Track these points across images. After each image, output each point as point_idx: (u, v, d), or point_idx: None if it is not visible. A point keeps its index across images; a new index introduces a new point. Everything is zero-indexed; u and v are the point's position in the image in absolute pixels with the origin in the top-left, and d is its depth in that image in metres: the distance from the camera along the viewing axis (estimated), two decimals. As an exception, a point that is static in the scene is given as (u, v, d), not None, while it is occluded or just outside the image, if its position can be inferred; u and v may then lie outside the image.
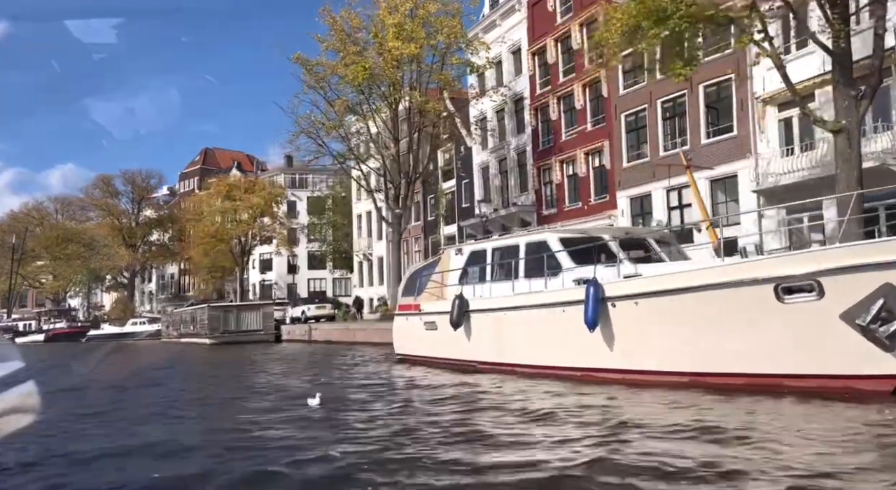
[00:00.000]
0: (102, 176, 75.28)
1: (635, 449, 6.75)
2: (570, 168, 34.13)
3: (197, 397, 13.41)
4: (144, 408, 11.82)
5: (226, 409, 11.43)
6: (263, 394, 13.18)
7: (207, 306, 39.87)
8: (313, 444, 7.63)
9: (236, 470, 6.54)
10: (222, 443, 7.94)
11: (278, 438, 8.07)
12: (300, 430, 8.60)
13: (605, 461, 6.32)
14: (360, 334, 31.39)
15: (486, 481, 5.87)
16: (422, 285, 17.33)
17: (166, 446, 7.93)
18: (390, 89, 32.89)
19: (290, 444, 7.66)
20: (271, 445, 7.66)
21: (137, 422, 10.21)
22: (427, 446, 7.27)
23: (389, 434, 8.14)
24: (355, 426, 8.89)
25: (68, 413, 10.42)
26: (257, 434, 8.46)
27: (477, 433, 8.05)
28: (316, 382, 14.97)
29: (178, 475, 6.53)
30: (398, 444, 7.48)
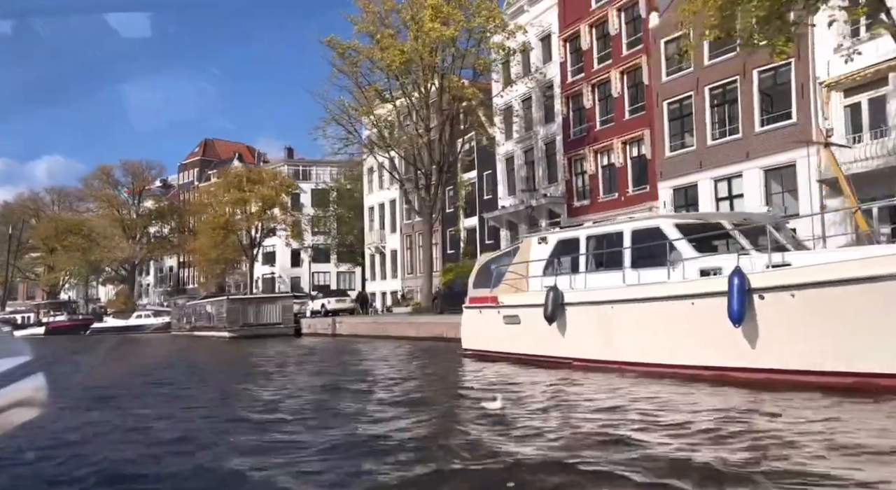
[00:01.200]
0: (102, 166, 73.59)
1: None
2: (606, 158, 33.00)
3: (325, 399, 11.64)
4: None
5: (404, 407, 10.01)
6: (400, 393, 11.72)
7: (227, 299, 38.46)
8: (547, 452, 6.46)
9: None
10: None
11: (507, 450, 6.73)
12: (520, 441, 7.14)
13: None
14: (393, 328, 30.11)
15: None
16: (498, 277, 16.10)
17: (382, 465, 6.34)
18: (424, 74, 31.57)
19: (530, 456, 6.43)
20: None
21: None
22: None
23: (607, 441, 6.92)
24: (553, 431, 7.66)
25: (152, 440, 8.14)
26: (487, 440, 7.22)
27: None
28: (413, 379, 13.73)
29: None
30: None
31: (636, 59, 30.70)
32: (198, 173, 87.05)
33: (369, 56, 31.34)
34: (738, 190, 26.26)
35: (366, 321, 33.34)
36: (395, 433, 7.82)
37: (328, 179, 72.06)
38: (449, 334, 26.05)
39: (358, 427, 8.34)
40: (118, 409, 10.61)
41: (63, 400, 10.98)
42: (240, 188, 52.75)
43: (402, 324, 29.57)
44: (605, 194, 32.74)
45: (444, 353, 20.35)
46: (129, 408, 10.78)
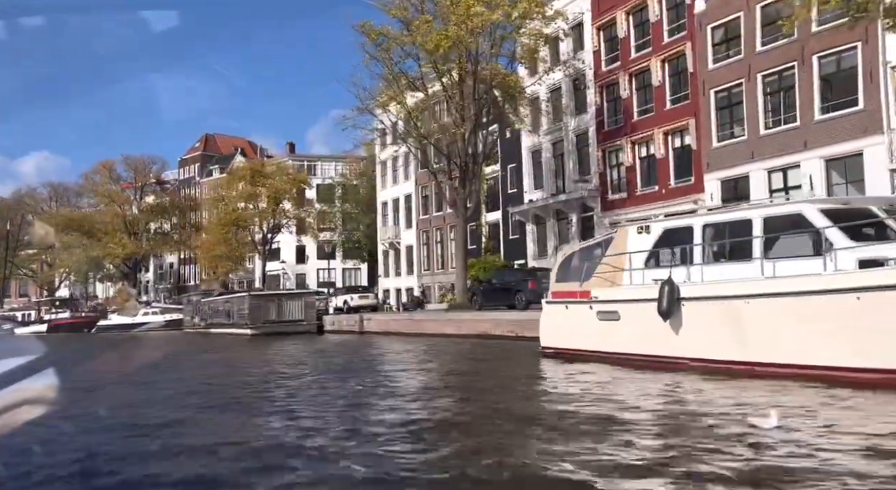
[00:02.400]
0: (104, 161, 71.65)
1: None
2: (645, 149, 31.75)
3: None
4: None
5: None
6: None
7: (248, 295, 36.93)
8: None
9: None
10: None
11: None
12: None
13: None
14: (430, 325, 28.69)
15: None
16: (589, 269, 14.75)
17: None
18: (460, 62, 30.14)
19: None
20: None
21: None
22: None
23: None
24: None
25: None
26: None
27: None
28: (517, 387, 12.27)
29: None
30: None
31: (679, 46, 29.45)
32: (199, 168, 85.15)
33: (405, 42, 29.84)
34: (795, 181, 25.04)
35: (398, 318, 31.91)
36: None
37: (333, 175, 70.61)
38: (495, 331, 24.81)
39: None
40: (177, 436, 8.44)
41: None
42: (250, 182, 51.07)
43: (441, 321, 28.17)
44: (644, 187, 31.49)
45: (509, 351, 19.04)
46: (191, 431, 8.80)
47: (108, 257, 67.90)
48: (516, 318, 24.37)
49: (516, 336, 23.71)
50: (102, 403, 11.08)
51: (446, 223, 46.22)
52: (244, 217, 52.03)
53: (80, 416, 9.62)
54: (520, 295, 25.78)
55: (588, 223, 34.92)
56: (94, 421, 9.34)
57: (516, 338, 23.60)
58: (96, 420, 9.46)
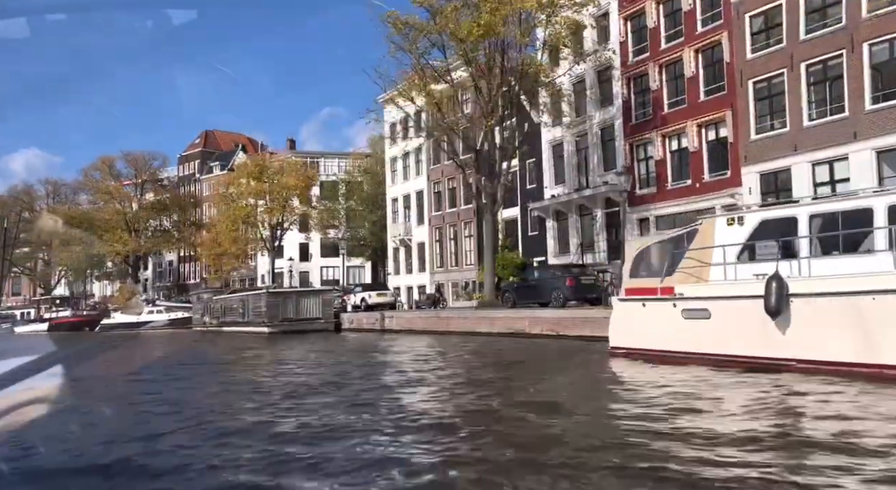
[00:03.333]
0: (104, 157, 70.08)
1: None
2: (676, 142, 30.69)
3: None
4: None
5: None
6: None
7: (266, 292, 35.67)
8: None
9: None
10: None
11: None
12: None
13: None
14: (458, 323, 27.61)
15: None
16: (671, 264, 13.65)
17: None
18: (489, 50, 28.96)
19: None
20: None
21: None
22: None
23: None
24: None
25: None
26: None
27: None
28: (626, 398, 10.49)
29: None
30: None
31: (715, 35, 28.38)
32: (199, 165, 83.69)
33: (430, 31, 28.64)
34: (843, 174, 24.02)
35: (423, 315, 30.74)
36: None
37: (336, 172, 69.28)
38: (532, 330, 23.79)
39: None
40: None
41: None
42: (260, 178, 49.74)
43: (471, 318, 27.06)
44: (676, 181, 30.42)
45: (566, 350, 17.91)
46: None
47: (110, 255, 66.28)
48: (555, 315, 23.33)
49: (557, 334, 22.70)
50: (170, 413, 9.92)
51: (460, 219, 45.08)
52: (252, 214, 50.62)
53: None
54: (557, 292, 24.69)
55: (614, 219, 33.84)
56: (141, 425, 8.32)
57: (557, 336, 22.60)
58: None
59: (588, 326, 21.51)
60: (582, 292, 24.57)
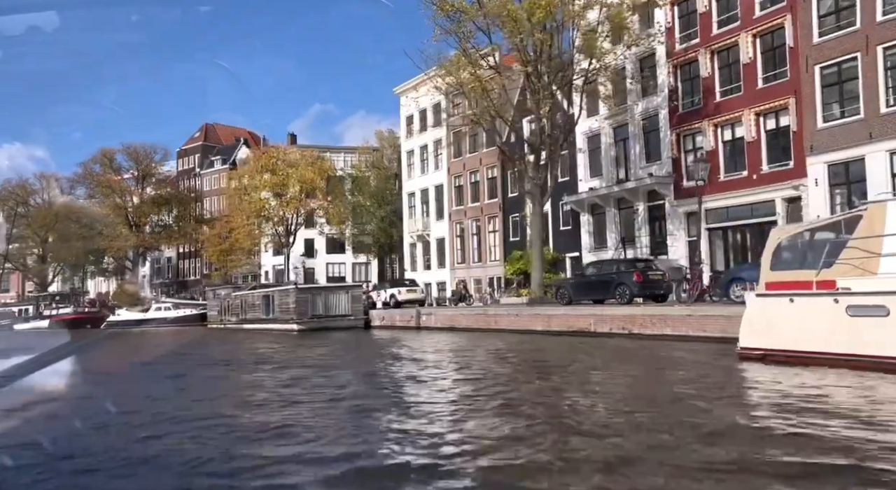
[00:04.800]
0: (104, 150, 67.52)
1: None
2: (730, 132, 29.07)
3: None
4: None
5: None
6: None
7: (295, 288, 33.69)
8: None
9: None
10: None
11: None
12: None
13: None
14: (507, 321, 25.79)
15: None
16: (830, 255, 11.91)
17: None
18: (542, 33, 27.17)
19: None
20: None
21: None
22: None
23: None
24: None
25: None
26: None
27: None
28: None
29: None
30: None
31: (777, 19, 26.76)
32: (199, 159, 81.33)
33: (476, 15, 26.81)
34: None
35: (467, 312, 28.88)
36: None
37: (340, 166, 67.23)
38: (599, 328, 22.01)
39: None
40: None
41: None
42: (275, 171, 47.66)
43: (524, 316, 25.22)
44: (729, 172, 28.80)
45: (665, 352, 16.13)
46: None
47: (111, 250, 63.85)
48: (628, 313, 21.56)
49: (629, 333, 20.96)
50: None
51: (484, 214, 43.34)
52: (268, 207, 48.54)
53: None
54: (622, 288, 22.94)
55: (657, 212, 32.26)
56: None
57: (629, 335, 20.86)
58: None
59: (669, 324, 19.83)
60: (650, 288, 22.87)
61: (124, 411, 9.38)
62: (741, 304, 18.85)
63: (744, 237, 28.68)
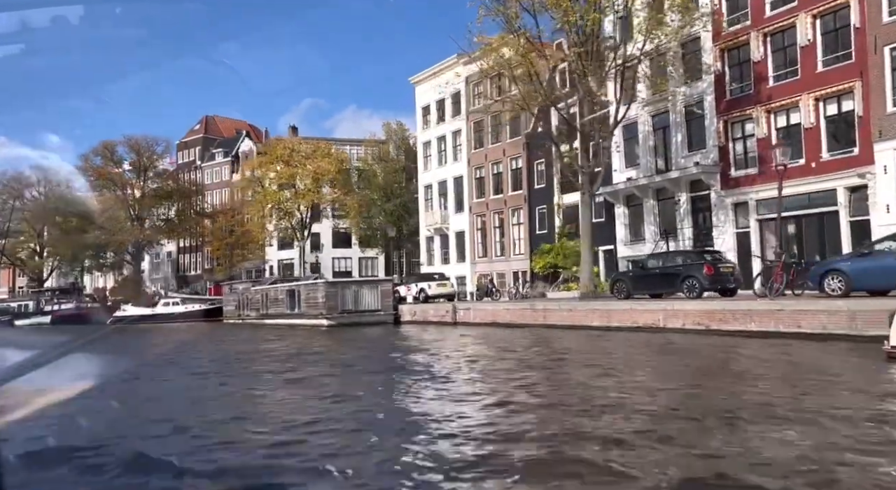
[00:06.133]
0: (105, 142, 65.08)
1: None
2: (784, 118, 27.46)
3: None
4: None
5: None
6: None
7: (324, 282, 31.85)
8: None
9: None
10: None
11: None
12: None
13: None
14: (558, 316, 24.09)
15: None
16: None
17: None
18: (593, 13, 25.42)
19: None
20: None
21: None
22: None
23: None
24: None
25: None
26: None
27: None
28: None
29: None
30: None
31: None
32: (200, 152, 79.08)
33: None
34: None
35: (510, 307, 27.10)
36: None
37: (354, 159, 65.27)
38: (668, 324, 20.39)
39: None
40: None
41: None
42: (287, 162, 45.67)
43: (578, 311, 23.52)
44: (784, 160, 27.11)
45: (772, 351, 14.43)
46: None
47: (112, 244, 61.54)
48: (705, 308, 19.90)
49: (706, 330, 19.32)
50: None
51: (507, 206, 41.58)
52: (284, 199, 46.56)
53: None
54: (691, 281, 21.26)
55: (701, 203, 30.64)
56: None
57: (706, 331, 19.21)
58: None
59: (754, 320, 18.20)
60: (721, 282, 21.22)
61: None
62: (837, 298, 17.32)
63: (799, 228, 27.10)
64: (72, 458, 6.53)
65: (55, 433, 6.98)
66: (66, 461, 6.43)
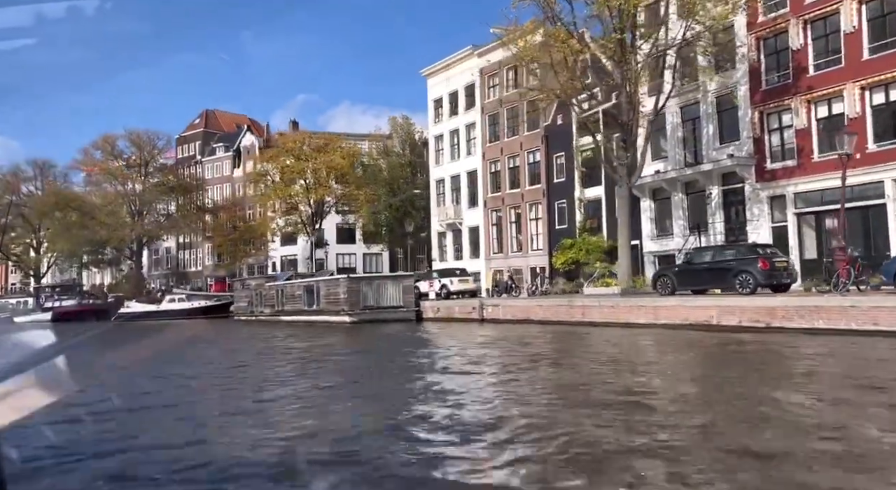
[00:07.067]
0: (106, 135, 63.39)
1: None
2: (826, 108, 26.36)
3: None
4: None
5: None
6: None
7: (347, 277, 30.59)
8: None
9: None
10: None
11: None
12: None
13: None
14: (597, 313, 22.91)
15: None
16: None
17: None
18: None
19: None
20: None
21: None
22: None
23: None
24: None
25: None
26: None
27: None
28: None
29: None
30: None
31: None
32: (200, 146, 77.45)
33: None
34: None
35: (544, 303, 25.91)
36: None
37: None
38: (723, 321, 19.28)
39: None
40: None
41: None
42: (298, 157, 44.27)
43: (621, 307, 22.34)
44: (825, 152, 26.04)
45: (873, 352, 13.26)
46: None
47: (112, 240, 59.95)
48: (761, 303, 18.77)
49: (766, 326, 18.18)
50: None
51: (524, 200, 40.38)
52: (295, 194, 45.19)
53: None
54: (744, 276, 20.09)
55: (734, 196, 29.53)
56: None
57: (766, 329, 18.08)
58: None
59: (822, 316, 17.08)
60: (776, 277, 20.10)
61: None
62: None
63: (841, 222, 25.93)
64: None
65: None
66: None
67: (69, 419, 7.51)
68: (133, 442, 7.27)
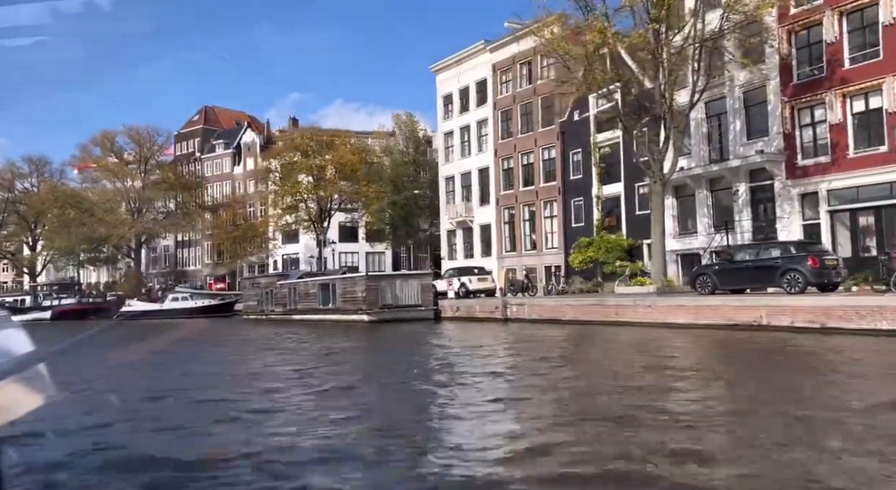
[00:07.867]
0: (105, 132, 62.00)
1: None
2: (863, 103, 25.50)
3: None
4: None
5: None
6: None
7: (365, 275, 29.52)
8: None
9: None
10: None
11: None
12: None
13: None
14: (632, 312, 21.92)
15: None
16: None
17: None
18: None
19: None
20: None
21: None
22: None
23: None
24: None
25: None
26: None
27: None
28: None
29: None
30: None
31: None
32: (199, 143, 76.02)
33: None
34: None
35: (573, 302, 24.89)
36: None
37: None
38: (775, 321, 18.28)
39: None
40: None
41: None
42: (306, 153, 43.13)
43: (659, 307, 21.38)
44: (861, 148, 25.23)
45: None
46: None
47: (112, 238, 58.57)
48: (815, 303, 17.83)
49: (821, 327, 17.23)
50: None
51: (539, 198, 39.39)
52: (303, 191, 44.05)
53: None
54: (793, 275, 19.14)
55: (763, 193, 28.66)
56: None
57: (821, 330, 17.13)
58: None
59: (886, 317, 16.16)
60: (826, 275, 19.17)
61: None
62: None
63: (878, 220, 25.10)
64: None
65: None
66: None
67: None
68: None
